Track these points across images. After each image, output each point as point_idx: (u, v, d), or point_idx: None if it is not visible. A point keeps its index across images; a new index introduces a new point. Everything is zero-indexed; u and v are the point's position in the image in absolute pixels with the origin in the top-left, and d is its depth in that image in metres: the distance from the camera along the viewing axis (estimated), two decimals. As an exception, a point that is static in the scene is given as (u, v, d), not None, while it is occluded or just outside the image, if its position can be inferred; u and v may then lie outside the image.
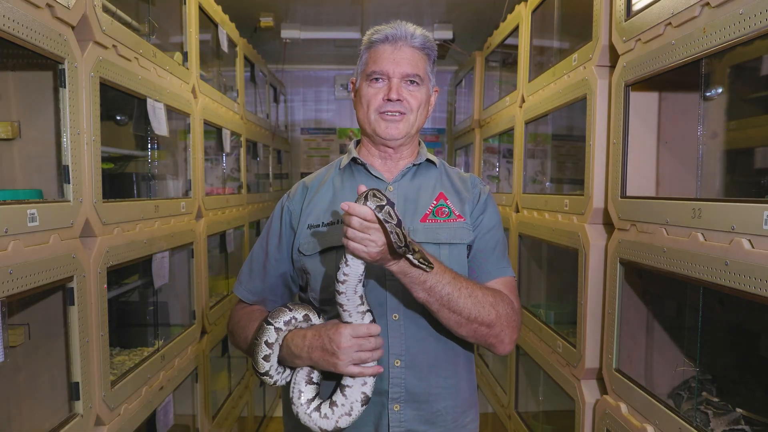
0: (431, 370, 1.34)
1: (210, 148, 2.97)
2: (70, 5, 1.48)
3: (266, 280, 1.47)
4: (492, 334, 1.28)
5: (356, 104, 1.43)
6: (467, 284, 1.25)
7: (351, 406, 1.23)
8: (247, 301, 1.50)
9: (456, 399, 1.37)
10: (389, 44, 1.36)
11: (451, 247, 1.36)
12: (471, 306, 1.23)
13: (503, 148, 3.61)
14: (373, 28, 1.40)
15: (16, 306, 1.55)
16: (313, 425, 1.24)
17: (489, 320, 1.26)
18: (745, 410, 1.61)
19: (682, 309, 1.85)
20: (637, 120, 1.85)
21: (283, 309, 1.32)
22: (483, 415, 3.56)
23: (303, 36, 4.13)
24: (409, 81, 1.36)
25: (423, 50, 1.38)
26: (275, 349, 1.30)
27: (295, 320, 1.31)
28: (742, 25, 1.29)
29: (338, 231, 1.36)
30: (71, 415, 1.53)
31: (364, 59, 1.40)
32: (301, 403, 1.26)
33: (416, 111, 1.38)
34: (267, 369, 1.30)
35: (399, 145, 1.41)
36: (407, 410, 1.32)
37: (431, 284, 1.19)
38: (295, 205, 1.45)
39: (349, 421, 1.24)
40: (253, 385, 3.52)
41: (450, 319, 1.25)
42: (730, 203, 1.34)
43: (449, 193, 1.43)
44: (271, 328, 1.29)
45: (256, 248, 1.51)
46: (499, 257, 1.41)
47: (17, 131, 1.60)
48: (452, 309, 1.22)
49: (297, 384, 1.28)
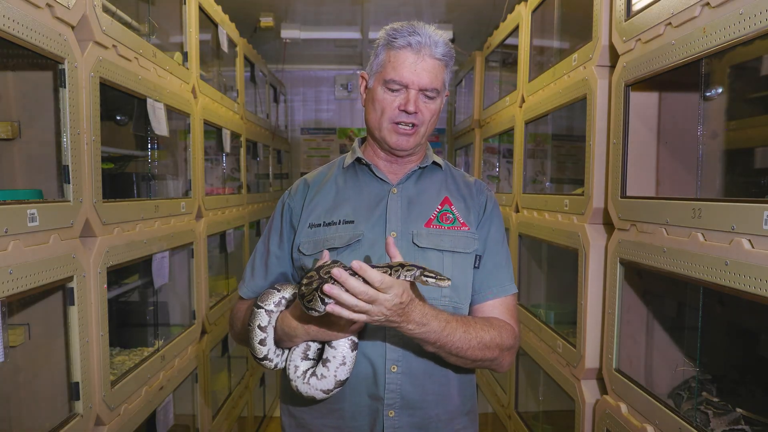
0: (426, 377, 1.33)
1: (210, 148, 2.97)
2: (70, 5, 1.48)
3: (268, 278, 1.45)
4: (492, 365, 1.34)
5: (367, 104, 1.39)
6: (476, 332, 1.26)
7: (343, 355, 1.22)
8: (249, 299, 1.47)
9: (446, 405, 1.36)
10: (412, 52, 1.30)
11: (454, 255, 1.35)
12: (478, 352, 1.26)
13: (503, 148, 3.61)
14: (392, 27, 1.33)
15: (16, 306, 1.55)
16: (315, 392, 1.23)
17: (492, 357, 1.30)
18: (745, 410, 1.61)
19: (682, 309, 1.85)
20: (637, 120, 1.84)
21: (271, 291, 1.30)
22: (483, 415, 3.58)
23: (303, 36, 4.12)
24: (426, 95, 1.33)
25: (443, 60, 1.34)
26: (269, 332, 1.28)
27: (284, 299, 1.29)
28: (742, 25, 1.29)
29: (339, 231, 1.35)
30: (71, 415, 1.53)
31: (381, 59, 1.35)
32: (297, 376, 1.25)
33: (428, 122, 1.36)
34: (265, 353, 1.28)
35: (407, 154, 1.41)
36: (402, 416, 1.32)
37: (442, 343, 1.22)
38: (296, 203, 1.43)
39: (346, 371, 1.22)
40: (253, 385, 3.52)
41: (456, 362, 1.30)
42: (730, 203, 1.34)
43: (455, 197, 1.42)
44: (261, 311, 1.27)
45: (259, 246, 1.49)
46: (505, 274, 1.41)
47: (17, 131, 1.60)
48: (460, 356, 1.26)
49: (293, 360, 1.27)
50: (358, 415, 1.33)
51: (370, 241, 1.34)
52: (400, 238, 1.34)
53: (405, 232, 1.34)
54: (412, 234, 1.34)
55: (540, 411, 2.77)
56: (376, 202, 1.38)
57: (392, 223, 1.35)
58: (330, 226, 1.36)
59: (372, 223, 1.35)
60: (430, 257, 1.33)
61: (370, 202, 1.39)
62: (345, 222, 1.36)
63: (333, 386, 1.23)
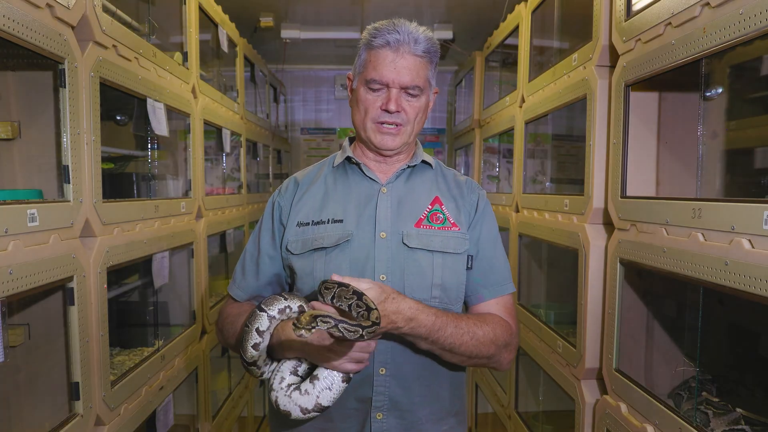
0: (414, 379, 1.32)
1: (210, 148, 2.97)
2: (70, 5, 1.48)
3: (260, 278, 1.43)
4: (491, 362, 1.33)
5: (352, 105, 1.40)
6: (468, 327, 1.26)
7: (332, 380, 1.18)
8: (240, 300, 1.45)
9: (434, 405, 1.36)
10: (391, 50, 1.29)
11: (444, 255, 1.35)
12: (473, 347, 1.26)
13: (503, 148, 3.61)
14: (374, 26, 1.33)
15: (16, 306, 1.55)
16: (293, 407, 1.19)
17: (488, 354, 1.29)
18: (745, 410, 1.61)
19: (682, 309, 1.85)
20: (637, 120, 1.84)
21: (278, 297, 1.26)
22: (483, 415, 3.58)
23: (303, 36, 4.12)
24: (408, 93, 1.32)
25: (426, 56, 1.32)
26: (266, 337, 1.24)
27: (289, 310, 1.26)
28: (742, 25, 1.29)
29: (328, 230, 1.34)
30: (71, 415, 1.53)
31: (362, 59, 1.36)
32: (281, 387, 1.22)
33: (413, 121, 1.35)
34: (255, 358, 1.24)
35: (395, 153, 1.40)
36: (390, 419, 1.31)
37: (434, 338, 1.22)
38: (286, 201, 1.42)
39: (330, 397, 1.18)
40: (253, 385, 3.52)
41: (452, 359, 1.29)
42: (730, 203, 1.34)
43: (445, 197, 1.41)
44: (264, 315, 1.23)
45: (249, 246, 1.47)
46: (502, 273, 1.41)
47: (17, 131, 1.60)
48: (455, 353, 1.26)
49: (280, 371, 1.24)
50: (347, 417, 1.32)
51: (359, 240, 1.33)
52: (389, 238, 1.33)
53: (395, 232, 1.34)
54: (402, 234, 1.34)
55: (540, 411, 2.77)
56: (365, 202, 1.38)
57: (382, 223, 1.34)
58: (318, 225, 1.35)
59: (362, 223, 1.35)
60: (420, 258, 1.33)
61: (359, 202, 1.38)
62: (334, 221, 1.35)
63: (312, 407, 1.18)
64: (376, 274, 1.31)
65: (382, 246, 1.32)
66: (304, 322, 1.06)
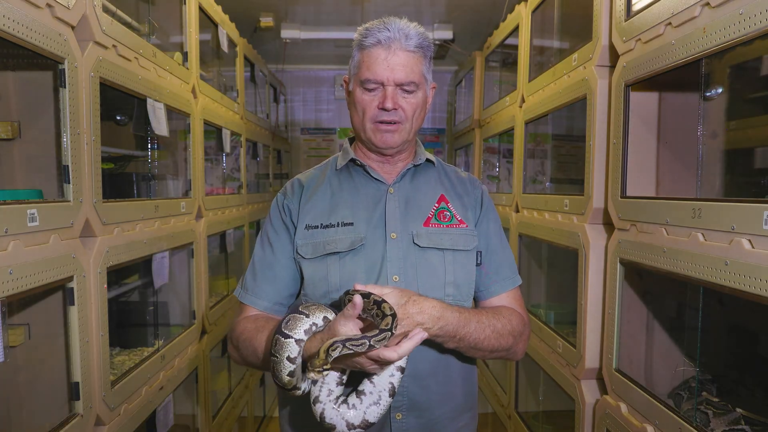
0: (430, 377, 1.33)
1: (210, 148, 2.97)
2: (70, 5, 1.48)
3: (277, 284, 1.37)
4: (509, 354, 1.35)
5: (350, 107, 1.39)
6: (488, 321, 1.28)
7: (379, 395, 1.16)
8: (258, 308, 1.36)
9: (450, 404, 1.36)
10: (382, 48, 1.28)
11: (455, 253, 1.35)
12: (494, 341, 1.28)
13: (503, 148, 3.61)
14: (364, 26, 1.33)
15: (16, 306, 1.55)
16: (339, 420, 1.14)
17: (507, 346, 1.31)
18: (745, 410, 1.61)
19: (682, 309, 1.85)
20: (637, 120, 1.84)
21: (298, 316, 1.18)
22: (483, 415, 3.58)
23: (303, 36, 4.12)
24: (404, 89, 1.31)
25: (418, 51, 1.31)
26: (298, 362, 1.17)
27: (315, 326, 1.19)
28: (742, 25, 1.29)
29: (339, 234, 1.33)
30: (71, 415, 1.53)
31: (356, 60, 1.35)
32: (329, 400, 1.17)
33: (412, 118, 1.34)
34: (295, 383, 1.18)
35: (396, 152, 1.40)
36: (410, 418, 1.31)
37: (462, 334, 1.23)
38: (293, 204, 1.40)
39: (377, 413, 1.16)
40: (253, 385, 3.52)
41: (475, 355, 1.31)
42: (730, 203, 1.34)
43: (450, 195, 1.42)
44: (291, 341, 1.15)
45: (258, 251, 1.41)
46: (510, 266, 1.43)
47: (17, 131, 1.60)
48: (478, 348, 1.27)
49: (327, 384, 1.19)
50: None
51: (372, 243, 1.33)
52: (400, 239, 1.33)
53: (405, 233, 1.34)
54: (412, 234, 1.34)
55: (540, 411, 2.77)
56: (374, 203, 1.37)
57: (392, 224, 1.34)
58: (328, 228, 1.34)
59: (372, 225, 1.34)
60: (431, 256, 1.33)
61: (367, 204, 1.37)
62: (344, 224, 1.34)
63: (359, 422, 1.14)
64: (389, 275, 1.30)
65: (394, 247, 1.32)
66: (319, 364, 1.06)
